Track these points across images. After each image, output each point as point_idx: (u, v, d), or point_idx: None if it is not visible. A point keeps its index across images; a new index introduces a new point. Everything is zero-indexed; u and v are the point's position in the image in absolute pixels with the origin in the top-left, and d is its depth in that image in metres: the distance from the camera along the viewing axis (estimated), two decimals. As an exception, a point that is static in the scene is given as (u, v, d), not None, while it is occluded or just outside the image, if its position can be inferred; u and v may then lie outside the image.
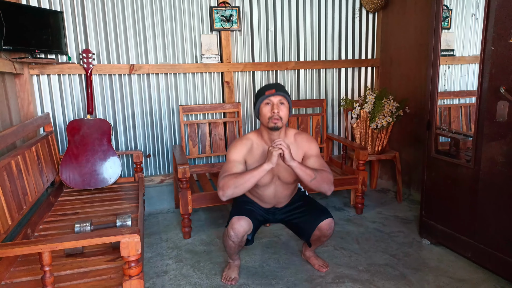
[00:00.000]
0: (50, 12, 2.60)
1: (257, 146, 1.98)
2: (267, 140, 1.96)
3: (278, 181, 2.01)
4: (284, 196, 2.09)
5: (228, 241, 1.93)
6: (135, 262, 1.38)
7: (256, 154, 1.97)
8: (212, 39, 3.06)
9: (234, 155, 1.94)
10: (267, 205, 2.11)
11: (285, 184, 2.03)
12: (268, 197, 2.06)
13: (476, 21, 2.29)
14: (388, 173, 3.53)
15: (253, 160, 1.95)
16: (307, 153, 1.99)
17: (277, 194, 2.05)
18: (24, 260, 1.70)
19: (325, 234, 1.98)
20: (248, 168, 1.93)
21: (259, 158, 1.95)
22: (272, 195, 2.05)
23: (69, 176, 2.54)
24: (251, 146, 1.98)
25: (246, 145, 1.98)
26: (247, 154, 1.96)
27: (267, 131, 1.93)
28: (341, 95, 3.53)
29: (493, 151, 1.95)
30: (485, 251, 2.03)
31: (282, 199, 2.10)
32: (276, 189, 2.04)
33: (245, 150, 1.96)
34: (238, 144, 1.98)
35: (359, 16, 3.45)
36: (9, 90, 2.39)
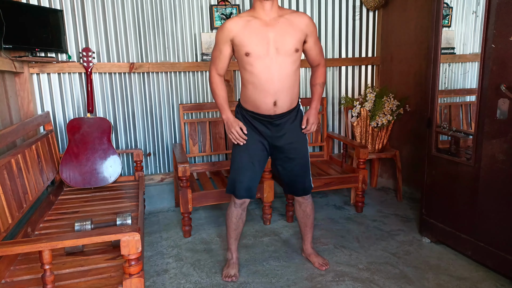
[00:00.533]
0: (50, 10, 2.60)
1: (249, 19, 1.84)
2: (259, 12, 1.84)
3: (276, 55, 1.83)
4: (284, 86, 1.87)
5: (232, 211, 2.07)
6: (136, 260, 1.38)
7: (249, 28, 1.82)
8: (212, 37, 3.05)
9: (221, 35, 1.86)
10: (266, 104, 1.88)
11: (284, 57, 1.84)
12: (265, 82, 1.84)
13: (476, 19, 2.28)
14: (389, 172, 3.53)
15: (245, 35, 1.82)
16: (308, 36, 1.91)
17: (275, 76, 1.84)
18: (24, 259, 1.70)
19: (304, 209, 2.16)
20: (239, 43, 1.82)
21: (252, 31, 1.82)
22: (270, 77, 1.83)
23: (69, 175, 2.54)
24: (243, 22, 1.83)
25: (236, 21, 1.84)
26: (239, 30, 1.82)
27: (259, 1, 1.82)
28: (342, 93, 3.53)
29: (493, 149, 1.95)
30: (486, 249, 2.03)
31: (282, 92, 1.87)
32: (273, 65, 1.83)
33: (235, 27, 1.83)
34: (227, 22, 1.85)
35: (359, 14, 3.45)
36: (9, 88, 2.39)
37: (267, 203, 2.72)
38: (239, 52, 1.86)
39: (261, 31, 1.82)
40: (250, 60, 1.83)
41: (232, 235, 2.12)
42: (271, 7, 1.83)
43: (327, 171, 3.07)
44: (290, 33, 1.85)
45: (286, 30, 1.84)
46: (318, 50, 2.01)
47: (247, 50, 1.82)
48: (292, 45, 1.85)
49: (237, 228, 2.11)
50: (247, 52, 1.82)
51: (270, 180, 2.65)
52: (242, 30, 1.83)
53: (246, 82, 1.90)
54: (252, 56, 1.82)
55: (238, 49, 1.85)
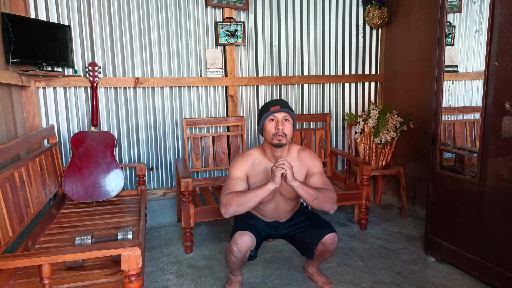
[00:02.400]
0: (58, 26, 2.65)
1: (259, 162, 1.97)
2: (270, 157, 1.95)
3: (280, 197, 2.00)
4: (286, 211, 2.07)
5: (230, 256, 1.89)
6: (136, 276, 1.36)
7: (258, 171, 1.96)
8: (217, 53, 3.09)
9: (236, 172, 1.93)
10: (269, 219, 2.09)
11: (287, 200, 2.02)
12: (269, 212, 2.04)
13: (479, 37, 2.30)
14: (393, 189, 3.50)
15: (255, 176, 1.94)
16: (310, 170, 1.97)
17: (278, 210, 2.04)
18: (24, 273, 1.68)
19: (328, 249, 1.94)
20: (250, 184, 1.92)
21: (261, 174, 1.94)
22: (273, 210, 2.04)
23: (71, 189, 2.53)
24: (253, 162, 1.97)
25: (248, 161, 1.97)
26: (249, 170, 1.95)
27: (270, 148, 1.92)
28: (345, 109, 3.53)
29: (498, 167, 1.93)
30: (492, 269, 1.99)
31: (283, 214, 2.08)
32: (278, 204, 2.03)
33: (247, 166, 1.96)
34: (240, 160, 1.97)
35: (362, 32, 3.49)
36: (15, 102, 2.41)
37: (269, 219, 2.69)
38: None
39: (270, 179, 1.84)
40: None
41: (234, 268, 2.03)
42: (281, 153, 1.92)
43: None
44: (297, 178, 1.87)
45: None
46: (323, 181, 1.95)
47: None
48: (296, 194, 1.92)
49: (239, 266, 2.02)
50: None
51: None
52: (253, 174, 1.95)
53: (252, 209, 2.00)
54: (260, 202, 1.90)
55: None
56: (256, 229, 1.97)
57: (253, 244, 1.89)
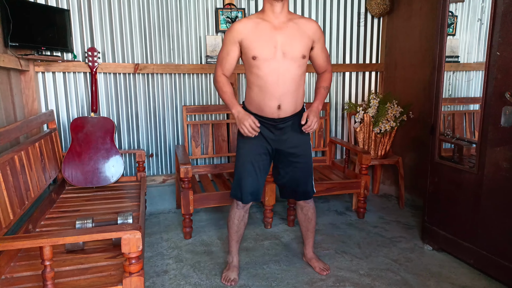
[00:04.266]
0: (57, 9, 2.62)
1: (257, 22, 1.85)
2: (269, 14, 1.83)
3: (283, 59, 1.83)
4: (289, 90, 1.87)
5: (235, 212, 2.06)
6: (136, 259, 1.37)
7: (257, 31, 1.83)
8: (217, 40, 3.06)
9: (230, 36, 1.87)
10: (270, 107, 1.89)
11: (291, 62, 1.84)
12: (271, 85, 1.84)
13: (481, 27, 2.29)
14: (391, 178, 3.52)
15: (253, 38, 1.83)
16: (316, 42, 1.93)
17: (281, 79, 1.84)
18: (25, 255, 1.69)
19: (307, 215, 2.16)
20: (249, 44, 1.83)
21: (261, 34, 1.83)
22: (275, 80, 1.84)
23: (71, 174, 2.54)
24: (252, 23, 1.85)
25: (245, 23, 1.85)
26: (246, 32, 1.83)
27: (269, 2, 1.81)
28: (345, 99, 3.53)
29: (497, 157, 1.94)
30: (488, 258, 2.02)
31: (287, 95, 1.88)
32: (279, 69, 1.83)
33: (243, 28, 1.84)
34: (236, 24, 1.86)
35: (364, 20, 3.46)
36: (14, 86, 2.40)
37: (268, 206, 2.71)
38: (246, 55, 1.86)
39: (269, 35, 1.82)
40: (257, 63, 1.84)
41: (233, 237, 2.11)
42: (281, 10, 1.83)
43: (329, 176, 3.06)
44: (298, 38, 1.85)
45: (294, 35, 1.85)
46: (324, 57, 2.01)
47: (255, 53, 1.82)
48: (299, 51, 1.86)
49: (238, 230, 2.10)
50: (254, 56, 1.83)
51: (272, 183, 2.65)
52: (251, 33, 1.84)
53: (252, 84, 1.91)
54: (259, 60, 1.83)
55: (245, 51, 1.86)
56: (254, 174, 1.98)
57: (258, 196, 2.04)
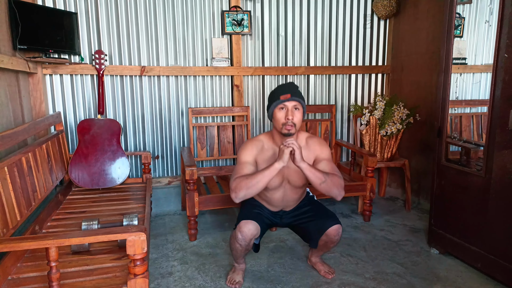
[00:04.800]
0: (65, 13, 2.65)
1: (268, 148, 1.96)
2: (278, 143, 1.94)
3: (288, 184, 2.00)
4: (293, 199, 2.07)
5: (235, 244, 1.91)
6: (141, 260, 1.38)
7: (266, 156, 1.95)
8: (223, 42, 3.07)
9: (245, 156, 1.93)
10: (275, 208, 2.09)
11: (294, 188, 2.01)
12: (276, 200, 2.04)
13: (489, 29, 2.27)
14: (397, 181, 3.49)
15: (263, 162, 1.94)
16: (318, 156, 1.96)
17: (285, 198, 2.04)
18: (31, 256, 1.71)
19: (332, 240, 1.95)
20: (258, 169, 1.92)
21: (270, 160, 1.93)
22: (280, 198, 2.03)
23: (78, 175, 2.56)
24: (262, 148, 1.96)
25: (257, 146, 1.96)
26: (258, 155, 1.95)
27: (279, 135, 1.91)
28: (351, 101, 3.52)
29: (505, 160, 1.92)
30: (496, 262, 1.99)
31: (290, 203, 2.08)
32: (285, 192, 2.02)
33: (256, 151, 1.95)
34: (249, 145, 1.97)
35: (370, 22, 3.45)
36: (22, 88, 2.43)
37: (273, 209, 2.70)
38: None
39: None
40: (265, 190, 1.98)
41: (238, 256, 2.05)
42: None
43: (334, 179, 3.05)
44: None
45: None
46: (330, 167, 1.92)
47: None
48: (304, 182, 1.97)
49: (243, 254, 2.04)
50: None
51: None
52: (262, 160, 1.94)
53: (257, 195, 2.04)
54: (267, 188, 1.95)
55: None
56: (261, 217, 1.98)
57: (258, 232, 1.90)
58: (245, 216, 1.93)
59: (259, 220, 1.94)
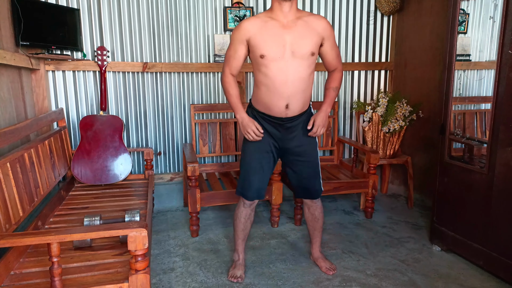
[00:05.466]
0: (67, 9, 2.65)
1: (266, 20, 1.83)
2: (277, 13, 1.81)
3: (291, 58, 1.81)
4: (297, 90, 1.86)
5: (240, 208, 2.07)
6: (142, 256, 1.38)
7: (265, 28, 1.81)
8: (225, 39, 3.06)
9: (237, 34, 1.85)
10: (278, 107, 1.88)
11: (299, 60, 1.82)
12: (280, 84, 1.83)
13: (494, 25, 2.24)
14: (400, 178, 3.48)
15: (262, 37, 1.81)
16: (325, 36, 1.87)
17: (289, 79, 1.82)
18: (33, 252, 1.72)
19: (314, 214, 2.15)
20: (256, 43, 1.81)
21: (269, 33, 1.80)
22: (284, 79, 1.82)
23: (80, 171, 2.57)
24: (260, 22, 1.83)
25: (253, 22, 1.83)
26: (254, 31, 1.81)
27: (278, 2, 1.79)
28: (354, 97, 3.50)
29: (508, 157, 1.90)
30: (498, 260, 1.98)
31: (294, 94, 1.86)
32: (288, 69, 1.81)
33: (251, 26, 1.82)
34: (244, 22, 1.84)
35: (373, 18, 3.43)
36: (25, 85, 2.44)
37: (275, 205, 2.70)
38: (254, 54, 1.85)
39: (277, 33, 1.80)
40: (265, 62, 1.82)
41: (240, 235, 2.12)
42: (290, 9, 1.81)
43: (337, 176, 3.05)
44: (307, 36, 1.83)
45: (303, 33, 1.82)
46: (335, 54, 1.96)
47: (263, 52, 1.81)
48: (308, 49, 1.83)
49: (245, 229, 2.11)
50: (262, 54, 1.81)
51: (279, 182, 2.64)
52: (259, 31, 1.82)
53: (260, 84, 1.89)
54: (267, 59, 1.81)
55: (253, 50, 1.84)
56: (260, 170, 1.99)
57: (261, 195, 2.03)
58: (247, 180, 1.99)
59: (261, 178, 2.00)
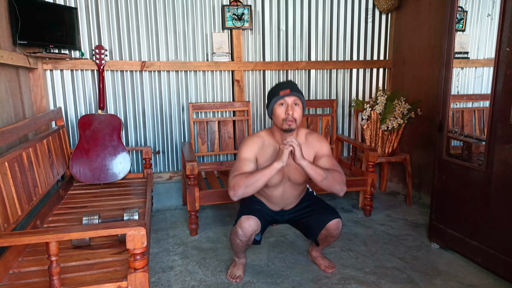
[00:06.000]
0: (65, 8, 2.64)
1: (268, 144, 1.95)
2: (279, 140, 1.93)
3: (288, 182, 1.99)
4: (293, 197, 2.06)
5: (235, 239, 1.92)
6: (141, 255, 1.38)
7: (267, 153, 1.94)
8: (224, 37, 3.06)
9: (245, 153, 1.92)
10: (275, 207, 2.08)
11: (294, 185, 2.01)
12: (276, 198, 2.03)
13: (492, 22, 2.25)
14: (398, 176, 3.49)
15: (264, 159, 1.93)
16: (318, 152, 1.96)
17: (285, 195, 2.03)
18: (32, 251, 1.72)
19: (332, 234, 1.95)
20: (259, 166, 1.91)
21: (270, 157, 1.92)
22: (280, 195, 2.02)
23: (79, 170, 2.56)
24: (263, 144, 1.95)
25: (257, 143, 1.95)
26: (259, 152, 1.94)
27: (279, 132, 1.90)
28: (352, 96, 3.51)
29: (506, 154, 1.91)
30: (496, 257, 1.99)
31: (290, 200, 2.07)
32: (285, 190, 2.01)
33: (257, 148, 1.94)
34: (249, 141, 1.96)
35: (372, 16, 3.43)
36: (23, 84, 2.43)
37: (274, 204, 2.71)
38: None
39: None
40: (265, 187, 1.95)
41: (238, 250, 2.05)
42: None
43: (335, 174, 3.05)
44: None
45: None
46: (331, 163, 1.92)
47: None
48: (305, 179, 1.97)
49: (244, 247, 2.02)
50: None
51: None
52: (262, 155, 1.94)
53: (257, 193, 2.00)
54: (267, 186, 1.93)
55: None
56: (261, 213, 1.98)
57: (258, 228, 1.91)
58: (246, 211, 1.93)
59: (259, 215, 1.94)
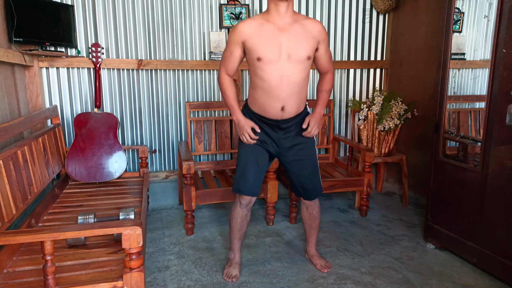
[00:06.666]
0: (61, 5, 2.62)
1: (262, 23, 1.81)
2: (274, 15, 1.80)
3: (288, 61, 1.81)
4: (293, 92, 1.86)
5: (236, 208, 2.06)
6: (136, 254, 1.38)
7: (263, 35, 1.80)
8: (221, 36, 3.05)
9: (234, 36, 1.83)
10: (274, 109, 1.88)
11: (296, 64, 1.82)
12: (275, 86, 1.83)
13: (488, 24, 2.26)
14: (394, 176, 3.50)
15: (259, 40, 1.80)
16: (320, 40, 1.88)
17: (284, 82, 1.82)
18: (27, 250, 1.71)
19: (312, 214, 2.15)
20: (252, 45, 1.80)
21: (266, 38, 1.79)
22: (280, 81, 1.82)
23: (75, 169, 2.55)
24: (256, 24, 1.82)
25: (249, 23, 1.82)
26: (250, 33, 1.80)
27: (274, 3, 1.78)
28: (349, 96, 3.51)
29: (502, 155, 1.92)
30: (492, 257, 2.00)
31: (290, 96, 1.86)
32: (284, 71, 1.81)
33: (247, 28, 1.81)
34: (240, 24, 1.83)
35: (369, 17, 3.43)
36: (18, 81, 2.41)
37: (270, 203, 2.71)
38: (251, 56, 1.84)
39: (274, 36, 1.80)
40: (261, 65, 1.81)
41: (236, 235, 2.10)
42: (286, 10, 1.79)
43: (332, 174, 3.05)
44: (303, 40, 1.83)
45: (299, 36, 1.82)
46: (328, 57, 1.98)
47: (259, 55, 1.80)
48: (305, 53, 1.84)
49: (241, 229, 2.09)
50: (259, 57, 1.80)
51: (274, 180, 2.65)
52: (255, 34, 1.81)
53: (256, 86, 1.89)
54: (263, 61, 1.80)
55: (249, 52, 1.84)
56: (256, 167, 1.98)
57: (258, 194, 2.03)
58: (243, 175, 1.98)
59: (256, 173, 1.99)
